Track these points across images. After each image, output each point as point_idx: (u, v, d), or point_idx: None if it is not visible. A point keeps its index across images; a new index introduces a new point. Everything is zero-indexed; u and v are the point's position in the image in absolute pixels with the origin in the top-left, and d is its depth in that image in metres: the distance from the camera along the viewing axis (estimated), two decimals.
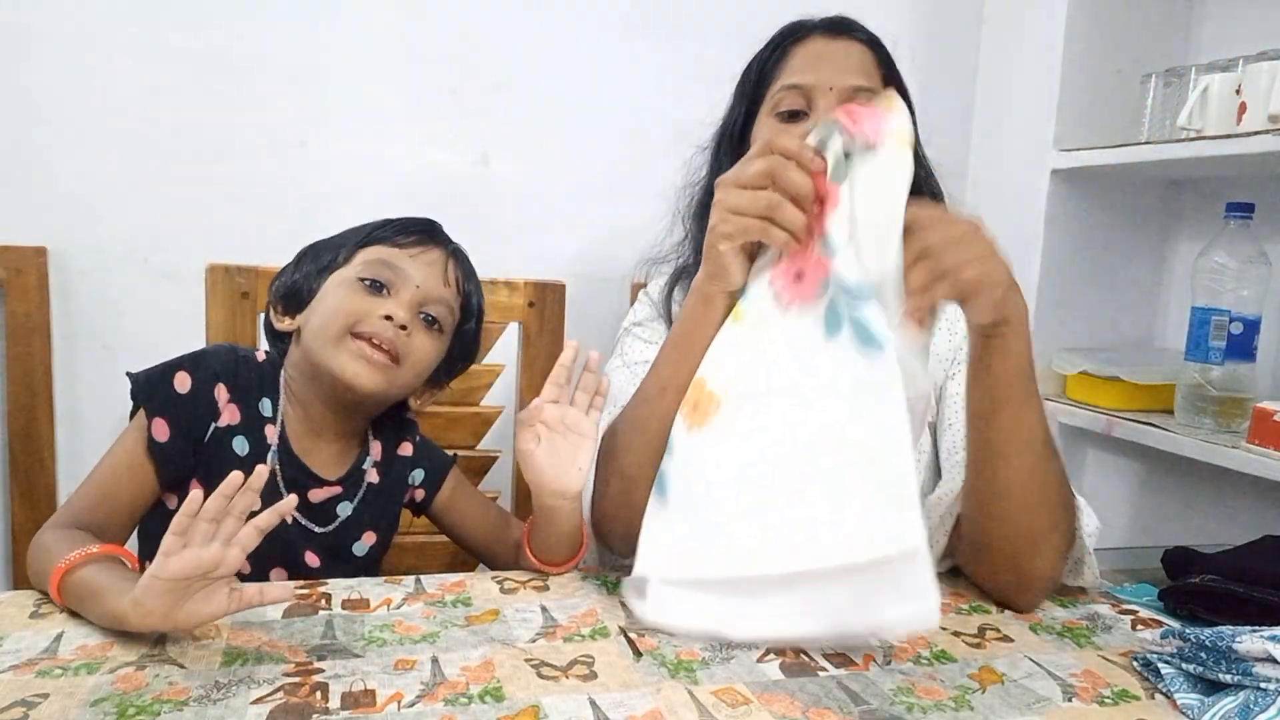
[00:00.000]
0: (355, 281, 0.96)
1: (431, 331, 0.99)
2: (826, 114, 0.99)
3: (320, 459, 1.01)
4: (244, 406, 0.97)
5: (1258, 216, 1.36)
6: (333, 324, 0.94)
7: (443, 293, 1.00)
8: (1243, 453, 1.28)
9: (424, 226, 1.03)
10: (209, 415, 0.95)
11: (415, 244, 1.00)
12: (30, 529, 1.29)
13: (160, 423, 0.92)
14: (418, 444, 1.09)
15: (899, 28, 1.09)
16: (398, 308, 0.95)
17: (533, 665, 0.72)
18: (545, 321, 1.36)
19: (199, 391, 0.94)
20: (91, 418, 1.44)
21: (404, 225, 1.02)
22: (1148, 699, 0.72)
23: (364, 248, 0.99)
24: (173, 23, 1.42)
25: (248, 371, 0.98)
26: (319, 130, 1.50)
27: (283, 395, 1.00)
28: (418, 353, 0.97)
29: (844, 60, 1.02)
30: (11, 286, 1.29)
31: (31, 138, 1.38)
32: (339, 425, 1.01)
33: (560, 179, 1.61)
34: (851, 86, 1.00)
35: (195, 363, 0.95)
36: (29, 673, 0.68)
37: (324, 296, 0.97)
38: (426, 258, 1.00)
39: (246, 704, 0.64)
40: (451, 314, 1.02)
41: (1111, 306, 1.74)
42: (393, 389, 0.97)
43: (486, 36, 1.56)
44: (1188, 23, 1.70)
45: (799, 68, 1.02)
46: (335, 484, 1.01)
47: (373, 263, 0.98)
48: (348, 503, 1.02)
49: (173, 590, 0.69)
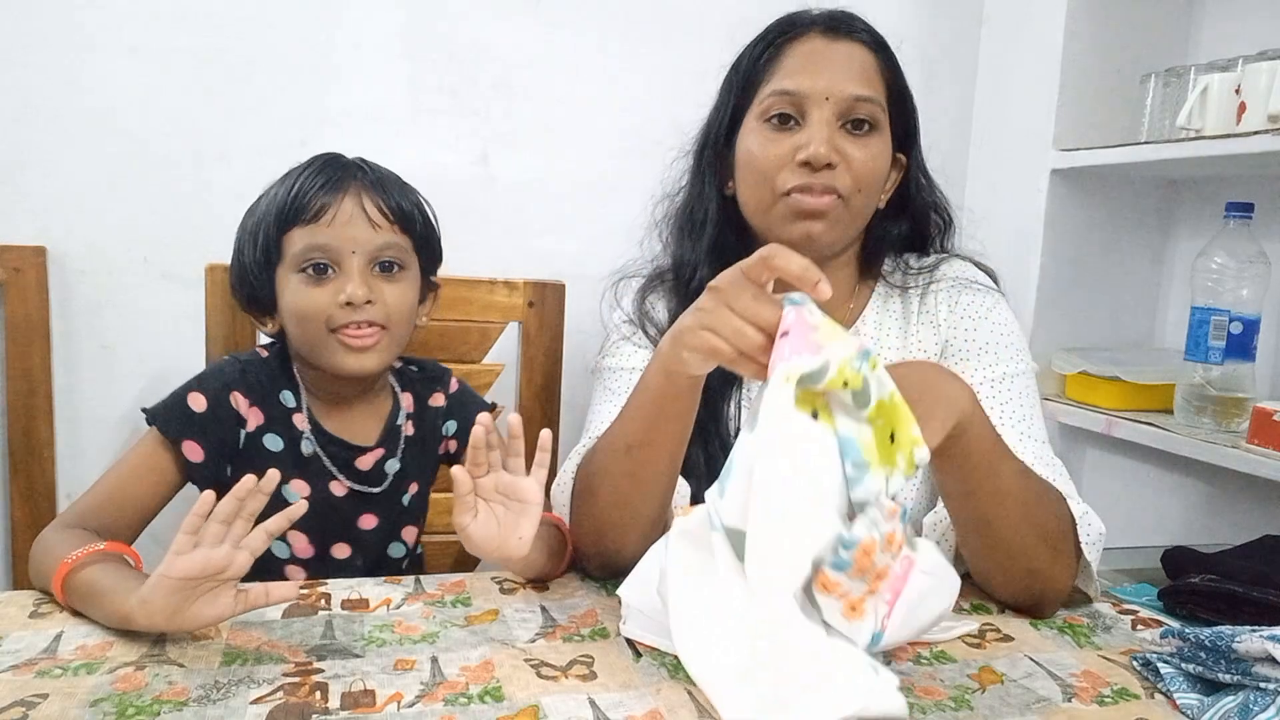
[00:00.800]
0: (299, 275, 0.94)
1: (395, 274, 0.97)
2: (819, 126, 0.93)
3: (355, 427, 1.03)
4: (265, 405, 0.98)
5: (1257, 216, 1.36)
6: (307, 329, 0.95)
7: (379, 237, 0.95)
8: (1242, 452, 1.27)
9: (323, 180, 0.95)
10: (236, 424, 0.96)
11: (326, 207, 0.93)
12: (30, 528, 1.30)
13: (191, 445, 0.93)
14: (453, 394, 1.10)
15: (899, 27, 1.06)
16: (351, 285, 0.92)
17: (532, 665, 0.72)
18: (545, 321, 1.36)
19: (217, 405, 0.95)
20: (91, 418, 1.44)
21: (303, 192, 0.94)
22: (1147, 699, 0.72)
23: (284, 234, 0.94)
24: (173, 23, 1.42)
25: (256, 372, 0.99)
26: (319, 130, 1.50)
27: (299, 380, 1.01)
28: (394, 304, 0.96)
29: (844, 64, 0.95)
30: (11, 286, 1.29)
31: (31, 138, 1.38)
32: (361, 392, 1.03)
33: (560, 179, 1.61)
34: (851, 96, 0.93)
35: (203, 381, 0.97)
36: (28, 673, 0.68)
37: (283, 299, 0.96)
38: (344, 214, 0.93)
39: (246, 704, 0.64)
40: (401, 245, 0.98)
41: (1111, 306, 1.74)
42: (394, 351, 0.99)
43: (486, 36, 1.56)
44: (1188, 23, 1.70)
45: (794, 69, 0.95)
46: (377, 446, 1.03)
47: (301, 251, 0.93)
48: (394, 460, 1.04)
49: (180, 590, 0.69)
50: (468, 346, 1.33)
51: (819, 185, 0.93)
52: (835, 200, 0.94)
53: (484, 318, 1.33)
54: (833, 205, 0.94)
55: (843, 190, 0.94)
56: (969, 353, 0.99)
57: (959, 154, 1.81)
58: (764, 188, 0.96)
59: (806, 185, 0.93)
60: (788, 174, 0.94)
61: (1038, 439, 0.94)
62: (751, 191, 0.98)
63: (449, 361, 1.31)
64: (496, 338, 1.35)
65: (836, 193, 0.94)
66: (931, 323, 1.03)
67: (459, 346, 1.33)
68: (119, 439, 1.45)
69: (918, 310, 1.04)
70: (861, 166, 0.94)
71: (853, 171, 0.94)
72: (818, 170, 0.93)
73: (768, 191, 0.96)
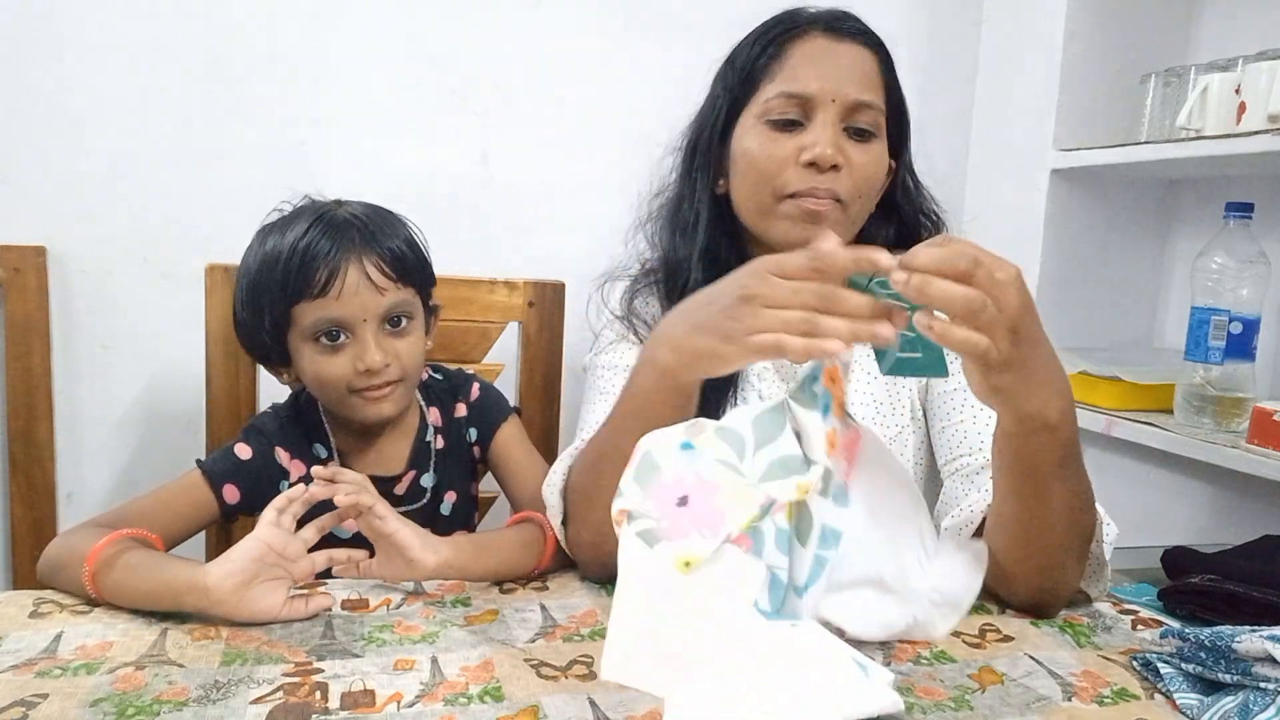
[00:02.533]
0: (313, 344, 0.96)
1: (404, 327, 1.00)
2: (824, 128, 0.92)
3: (385, 457, 1.06)
4: (304, 458, 1.03)
5: (1257, 216, 1.36)
6: (328, 392, 0.99)
7: (386, 300, 0.96)
8: (1242, 452, 1.28)
9: (323, 250, 0.94)
10: (280, 475, 1.02)
11: (331, 282, 0.94)
12: (30, 528, 1.30)
13: (231, 488, 0.98)
14: (474, 401, 1.12)
15: (899, 27, 1.06)
16: (368, 353, 0.95)
17: (532, 665, 0.72)
18: (545, 321, 1.36)
19: (261, 458, 1.01)
20: (91, 418, 1.44)
21: (306, 269, 0.94)
22: (1147, 699, 0.72)
23: (293, 306, 0.95)
24: (173, 23, 1.42)
25: (294, 428, 1.04)
26: (319, 130, 1.50)
27: (327, 426, 1.05)
28: (408, 357, 0.99)
29: (849, 67, 0.93)
30: (11, 286, 1.29)
31: (31, 138, 1.38)
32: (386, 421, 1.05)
33: (560, 179, 1.61)
34: (855, 100, 0.93)
35: (248, 435, 1.02)
36: (28, 673, 0.68)
37: (297, 360, 0.99)
38: (350, 287, 0.94)
39: (246, 704, 0.64)
40: (406, 299, 1.00)
41: (1111, 306, 1.74)
42: (411, 393, 1.03)
43: (486, 37, 1.56)
44: (1188, 23, 1.70)
45: (798, 72, 0.93)
46: (408, 470, 1.06)
47: (313, 324, 0.95)
48: (429, 474, 1.07)
49: (259, 560, 0.77)
50: (468, 346, 1.33)
51: (823, 188, 0.92)
52: (835, 205, 0.94)
53: (484, 318, 1.33)
54: (832, 210, 0.93)
55: (844, 195, 0.93)
56: None
57: (959, 154, 1.81)
58: (764, 189, 0.95)
59: (811, 188, 0.92)
60: (791, 175, 0.93)
61: None
62: (750, 192, 0.97)
63: (449, 361, 1.32)
64: (496, 338, 1.35)
65: (837, 197, 0.93)
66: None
67: (459, 346, 1.33)
68: (119, 439, 1.45)
69: None
70: (862, 171, 0.94)
71: (854, 176, 0.94)
72: (824, 172, 0.92)
73: (768, 193, 0.95)
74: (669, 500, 0.57)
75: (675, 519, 0.56)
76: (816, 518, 0.63)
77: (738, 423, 0.61)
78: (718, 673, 0.56)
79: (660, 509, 0.56)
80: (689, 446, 0.58)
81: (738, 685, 0.56)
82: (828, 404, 0.63)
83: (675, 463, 0.58)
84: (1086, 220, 1.68)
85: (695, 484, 0.57)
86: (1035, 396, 0.70)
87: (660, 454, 0.58)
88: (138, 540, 0.84)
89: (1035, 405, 0.70)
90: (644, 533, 0.56)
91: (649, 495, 0.56)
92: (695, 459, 0.58)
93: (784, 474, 0.60)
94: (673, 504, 0.57)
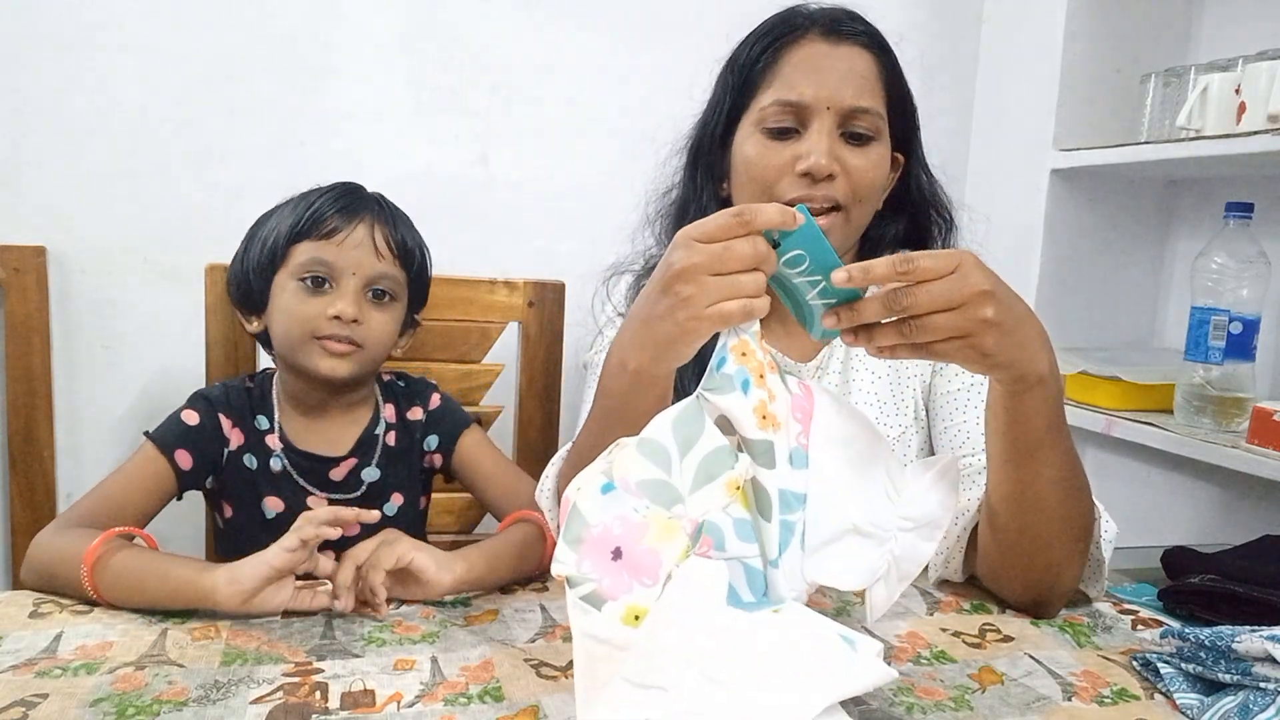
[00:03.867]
0: (297, 283, 0.99)
1: (384, 304, 1.02)
2: (819, 136, 0.91)
3: (329, 439, 1.05)
4: (244, 428, 1.04)
5: (1257, 216, 1.36)
6: (292, 331, 1.00)
7: (379, 267, 1.01)
8: (1242, 452, 1.28)
9: (341, 205, 1.01)
10: (221, 443, 1.03)
11: (338, 229, 0.99)
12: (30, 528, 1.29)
13: (182, 454, 0.99)
14: (433, 409, 1.11)
15: (899, 27, 1.06)
16: (343, 302, 0.98)
17: (532, 665, 0.72)
18: (545, 321, 1.36)
19: (206, 423, 1.02)
20: (91, 418, 1.44)
21: (320, 212, 1.00)
22: (1147, 699, 0.72)
23: (294, 244, 1.00)
24: (173, 23, 1.42)
25: (238, 398, 1.05)
26: (319, 130, 1.50)
27: (275, 399, 1.06)
28: (376, 332, 1.01)
29: (846, 71, 0.93)
30: (11, 286, 1.29)
31: (31, 138, 1.38)
32: (337, 400, 1.06)
33: (560, 179, 1.61)
34: (851, 106, 0.92)
35: (195, 401, 1.03)
36: (28, 673, 0.68)
37: (275, 300, 1.02)
38: (354, 239, 1.00)
39: (246, 704, 0.64)
40: (397, 278, 1.03)
41: (1111, 306, 1.74)
42: (365, 367, 1.03)
43: (486, 37, 1.56)
44: (1188, 23, 1.70)
45: (793, 79, 0.93)
46: (349, 456, 1.05)
47: (305, 261, 0.99)
48: (371, 468, 1.06)
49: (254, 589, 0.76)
50: (468, 346, 1.33)
51: (819, 196, 0.92)
52: (835, 216, 0.94)
53: (484, 318, 1.34)
54: (832, 223, 0.93)
55: (843, 200, 0.93)
56: None
57: (959, 154, 1.81)
58: (762, 197, 0.95)
59: (807, 196, 0.92)
60: (787, 184, 0.93)
61: None
62: (749, 199, 0.97)
63: (449, 361, 1.32)
64: (496, 338, 1.35)
65: (836, 204, 0.93)
66: None
67: (459, 346, 1.33)
68: (119, 439, 1.45)
69: None
70: (861, 176, 0.94)
71: (852, 181, 0.93)
72: (819, 181, 0.92)
73: (766, 200, 0.94)
74: (602, 556, 0.56)
75: (614, 576, 0.56)
76: (771, 488, 0.63)
77: (659, 431, 0.61)
78: (705, 675, 0.56)
79: (597, 568, 0.56)
80: (610, 489, 0.58)
81: (727, 684, 0.56)
82: (745, 380, 0.63)
83: (599, 511, 0.57)
84: (1086, 220, 1.68)
85: (623, 531, 0.57)
86: (1024, 351, 0.72)
87: (585, 504, 0.57)
88: (126, 538, 0.85)
89: (1026, 361, 0.72)
90: (588, 597, 0.56)
91: (583, 555, 0.56)
92: (618, 502, 0.58)
93: (716, 472, 0.61)
94: (607, 559, 0.56)
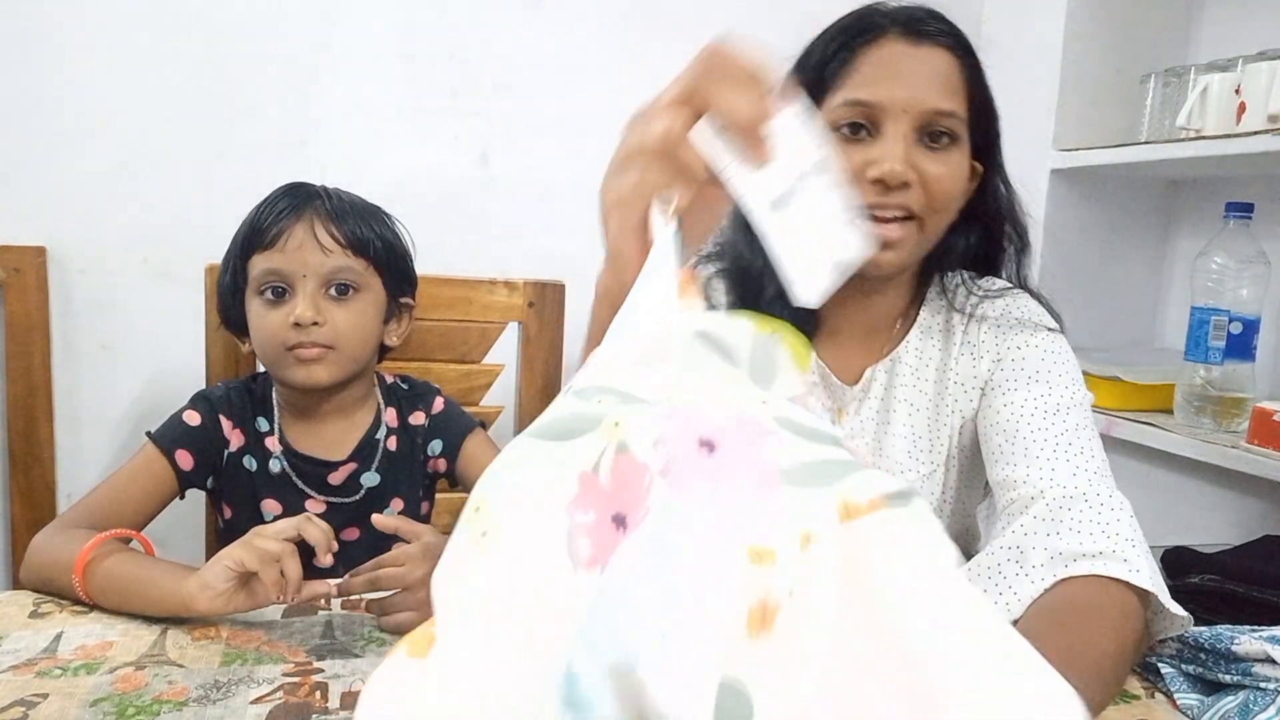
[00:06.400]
0: (259, 298, 0.99)
1: (349, 298, 1.00)
2: (894, 141, 0.83)
3: (327, 442, 1.05)
4: (244, 430, 1.04)
5: (1257, 216, 1.36)
6: (266, 347, 1.00)
7: (330, 261, 0.98)
8: (1242, 452, 1.27)
9: (281, 209, 1.00)
10: (221, 444, 1.03)
11: (280, 233, 0.98)
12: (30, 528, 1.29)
13: (183, 454, 0.99)
14: (436, 414, 1.11)
15: None
16: (300, 307, 0.97)
17: None
18: (545, 321, 1.36)
19: (207, 423, 1.02)
20: (91, 418, 1.44)
21: (262, 221, 0.99)
22: (1148, 699, 0.72)
23: (248, 259, 1.00)
24: (173, 23, 1.42)
25: (239, 399, 1.05)
26: (319, 130, 1.50)
27: (276, 405, 1.06)
28: (344, 328, 0.99)
29: (927, 73, 0.85)
30: (11, 286, 1.29)
31: (31, 138, 1.38)
32: (333, 404, 1.05)
33: (560, 179, 1.61)
34: (931, 109, 0.84)
35: (196, 401, 1.04)
36: (28, 673, 0.68)
37: (249, 319, 1.02)
38: (295, 241, 0.98)
39: (246, 704, 0.64)
40: (355, 269, 1.00)
41: (1111, 306, 1.74)
42: (346, 367, 1.01)
43: (486, 37, 1.56)
44: (1188, 23, 1.70)
45: (868, 78, 0.85)
46: (349, 460, 1.05)
47: (260, 275, 0.99)
48: (371, 473, 1.06)
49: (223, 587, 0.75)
50: (468, 346, 1.33)
51: (892, 205, 0.84)
52: (909, 226, 0.86)
53: (484, 318, 1.33)
54: (905, 235, 0.86)
55: (917, 210, 0.85)
56: (1018, 382, 0.89)
57: None
58: None
59: (879, 204, 0.84)
60: (858, 191, 0.84)
61: (1098, 473, 0.82)
62: None
63: (449, 361, 1.32)
64: (496, 338, 1.35)
65: (910, 213, 0.85)
66: (973, 354, 0.93)
67: (459, 346, 1.33)
68: (119, 439, 1.45)
69: (960, 341, 0.94)
70: (938, 185, 0.85)
71: (929, 190, 0.85)
72: (892, 189, 0.84)
73: None
74: None
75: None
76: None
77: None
78: None
79: None
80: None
81: None
82: None
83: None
84: (1086, 220, 1.68)
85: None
86: None
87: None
88: (120, 541, 0.84)
89: None
90: None
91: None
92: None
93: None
94: None
